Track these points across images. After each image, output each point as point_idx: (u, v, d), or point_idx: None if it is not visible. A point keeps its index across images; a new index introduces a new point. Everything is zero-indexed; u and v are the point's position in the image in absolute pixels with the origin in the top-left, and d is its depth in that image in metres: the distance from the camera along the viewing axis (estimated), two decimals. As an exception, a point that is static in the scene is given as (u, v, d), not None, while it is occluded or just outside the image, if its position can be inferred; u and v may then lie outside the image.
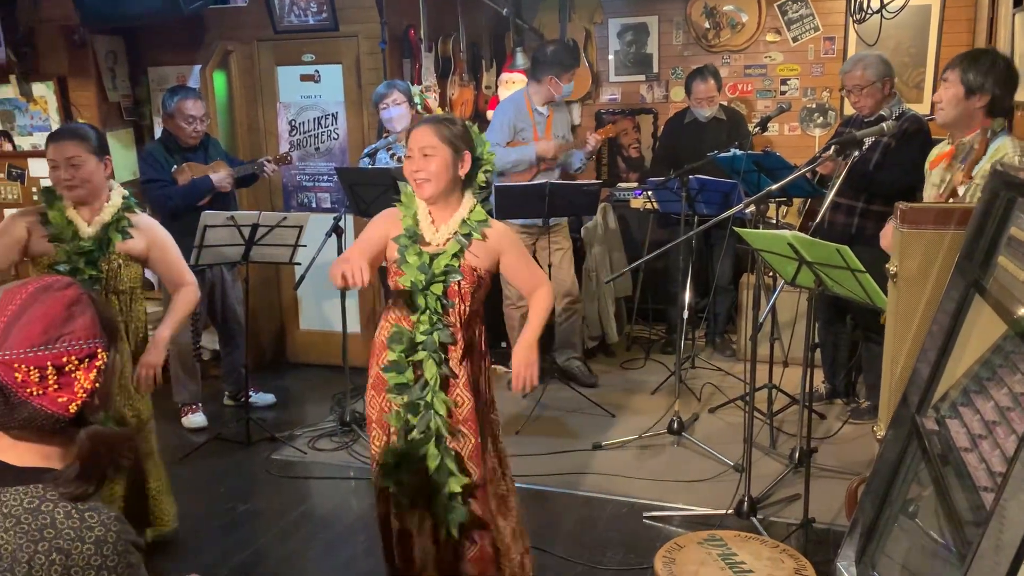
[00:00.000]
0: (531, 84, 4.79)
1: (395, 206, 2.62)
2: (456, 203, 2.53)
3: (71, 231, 2.97)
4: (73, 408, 1.29)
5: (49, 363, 1.27)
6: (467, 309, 2.53)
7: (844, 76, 4.10)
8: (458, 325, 2.52)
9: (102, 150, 2.99)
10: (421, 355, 2.52)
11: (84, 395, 1.29)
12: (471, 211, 2.53)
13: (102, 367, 1.32)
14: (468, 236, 2.50)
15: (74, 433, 1.32)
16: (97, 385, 1.32)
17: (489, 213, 2.60)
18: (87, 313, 1.33)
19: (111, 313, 1.40)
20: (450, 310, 2.51)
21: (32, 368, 1.26)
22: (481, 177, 2.57)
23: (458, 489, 2.53)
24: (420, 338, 2.51)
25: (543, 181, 4.41)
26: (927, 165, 3.26)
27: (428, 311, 2.50)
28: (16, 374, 1.25)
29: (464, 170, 2.50)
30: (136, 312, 3.13)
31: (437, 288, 2.48)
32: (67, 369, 1.28)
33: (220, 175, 4.41)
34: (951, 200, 2.90)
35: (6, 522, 1.23)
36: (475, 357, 2.61)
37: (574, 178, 5.03)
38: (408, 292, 2.51)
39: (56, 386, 1.27)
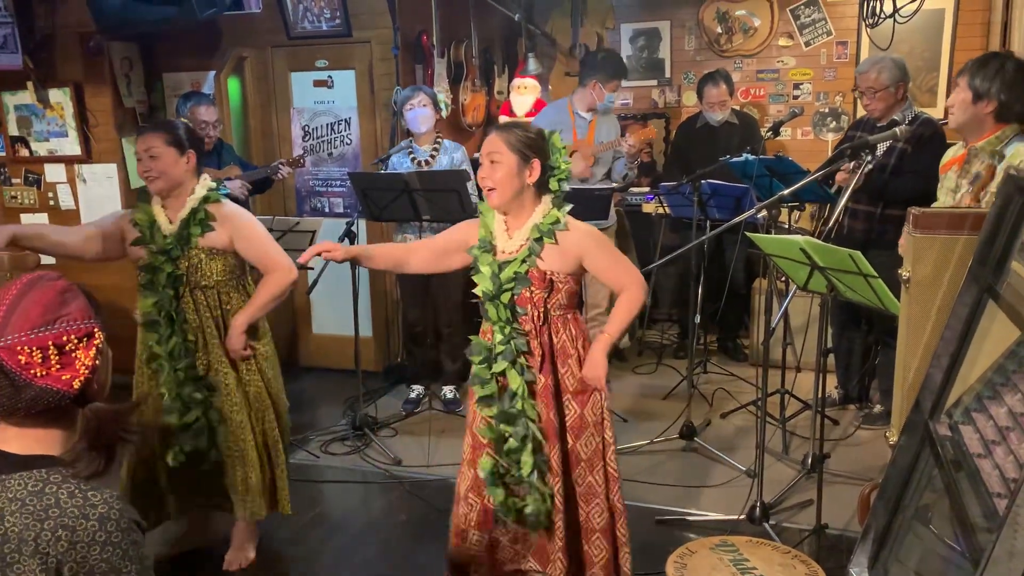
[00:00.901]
0: (577, 89, 4.84)
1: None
2: (530, 209, 2.51)
3: (154, 230, 3.02)
4: (76, 384, 1.34)
5: (50, 343, 1.33)
6: (542, 315, 2.49)
7: (859, 77, 4.09)
8: (534, 332, 2.50)
9: (183, 144, 2.99)
10: (502, 365, 2.51)
11: (86, 371, 1.35)
12: (545, 216, 2.49)
13: (100, 346, 1.39)
14: (539, 241, 2.47)
15: (76, 416, 1.38)
16: (97, 363, 1.37)
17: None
18: (80, 298, 1.40)
19: (99, 306, 1.46)
20: (522, 318, 2.49)
21: (35, 349, 1.32)
22: (554, 184, 2.52)
23: (547, 493, 2.53)
24: (499, 348, 2.51)
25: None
26: (940, 168, 3.25)
27: (501, 320, 2.51)
28: (20, 356, 1.31)
29: (533, 178, 2.46)
30: (232, 306, 3.09)
31: (505, 297, 2.48)
32: (67, 348, 1.35)
33: (234, 183, 4.44)
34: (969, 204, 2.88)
35: (12, 506, 1.28)
36: (564, 361, 2.53)
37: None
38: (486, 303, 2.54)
39: (59, 365, 1.33)
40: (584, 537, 2.58)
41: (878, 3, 3.97)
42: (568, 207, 2.54)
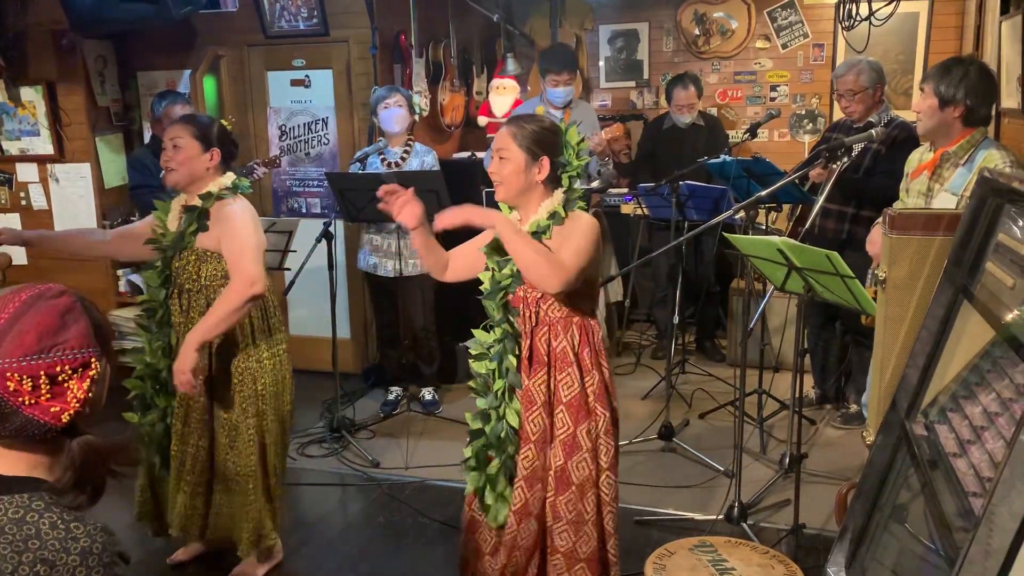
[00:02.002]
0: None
1: None
2: (538, 205, 2.41)
3: (166, 227, 2.97)
4: (65, 418, 1.28)
5: (42, 372, 1.26)
6: (534, 316, 2.41)
7: (837, 80, 4.12)
8: (526, 334, 2.42)
9: (209, 140, 2.90)
10: (490, 365, 2.46)
11: (77, 404, 1.28)
12: (548, 211, 2.39)
13: (95, 376, 1.32)
14: (536, 236, 2.37)
15: (63, 442, 1.31)
16: (91, 394, 1.31)
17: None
18: (81, 321, 1.32)
19: (104, 320, 1.39)
20: (516, 319, 2.43)
21: (25, 377, 1.25)
22: (565, 180, 2.43)
23: (502, 494, 2.48)
24: (495, 347, 2.46)
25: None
26: (909, 173, 3.28)
27: (495, 319, 2.46)
28: (8, 383, 1.24)
29: (541, 175, 2.37)
30: None
31: (500, 295, 2.44)
32: (60, 379, 1.27)
33: None
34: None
35: None
36: (563, 368, 2.40)
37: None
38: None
39: (49, 395, 1.26)
40: (568, 565, 2.47)
41: (854, 6, 4.01)
42: (577, 203, 2.42)
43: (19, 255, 5.32)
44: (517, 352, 2.43)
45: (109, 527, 1.29)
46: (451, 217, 2.41)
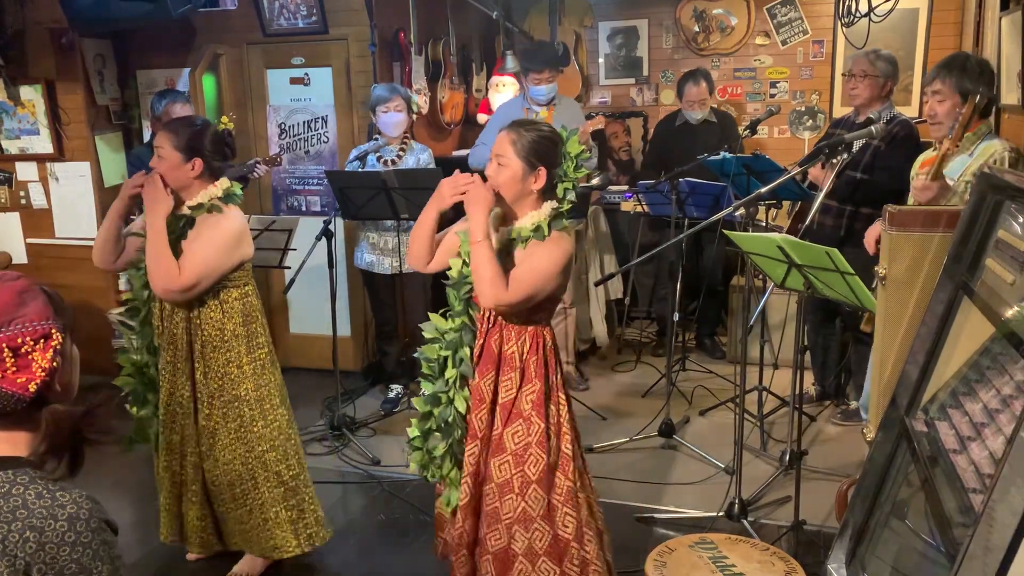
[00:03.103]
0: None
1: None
2: (527, 212, 2.41)
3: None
4: (32, 387, 1.32)
5: (4, 345, 1.31)
6: (492, 317, 2.42)
7: (853, 60, 4.14)
8: (481, 332, 2.45)
9: (192, 149, 2.84)
10: (443, 352, 2.49)
11: (43, 374, 1.33)
12: (533, 222, 2.39)
13: (58, 347, 1.36)
14: (511, 242, 2.40)
15: (38, 418, 1.34)
16: (55, 365, 1.35)
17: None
18: (39, 299, 1.37)
19: (62, 300, 1.43)
20: (477, 315, 2.45)
21: None
22: (560, 191, 2.43)
23: (456, 479, 2.51)
24: (451, 335, 2.48)
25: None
26: (916, 169, 3.28)
27: (456, 310, 2.48)
28: None
29: (538, 185, 2.38)
30: (202, 320, 2.90)
31: (464, 288, 2.44)
32: (23, 350, 1.32)
33: None
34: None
35: None
36: (507, 372, 2.42)
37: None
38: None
39: (14, 368, 1.31)
40: (479, 553, 2.50)
41: (854, 2, 4.00)
42: (565, 221, 2.43)
43: (19, 253, 5.33)
44: (470, 345, 2.47)
45: (94, 496, 1.32)
46: (450, 186, 2.42)
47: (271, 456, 3.02)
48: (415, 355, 2.65)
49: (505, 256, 2.40)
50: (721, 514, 3.35)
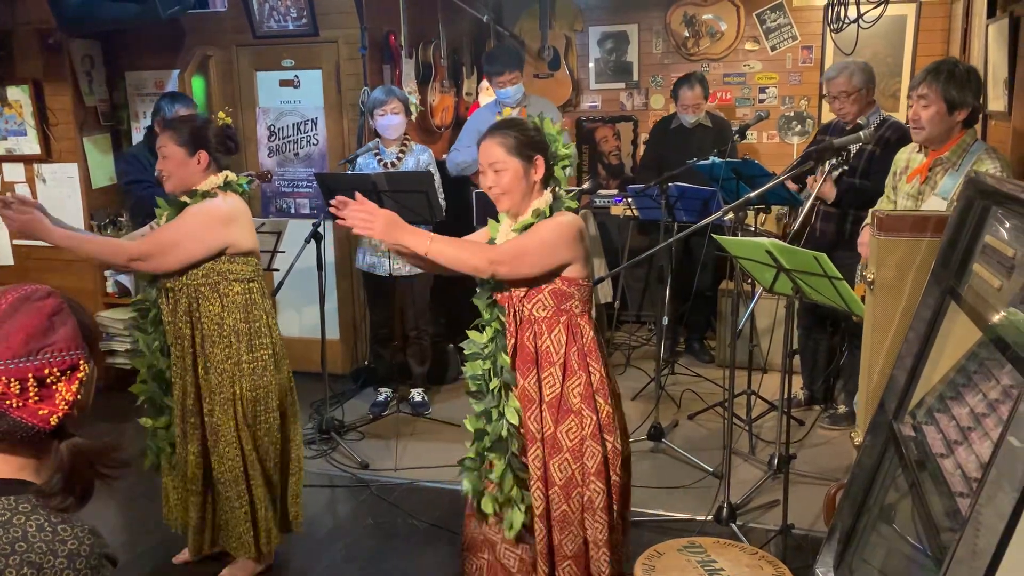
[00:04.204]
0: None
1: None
2: (528, 206, 2.42)
3: None
4: (54, 421, 1.27)
5: (31, 375, 1.25)
6: (519, 315, 2.41)
7: (829, 83, 4.14)
8: (511, 332, 2.42)
9: (195, 143, 2.85)
10: (484, 365, 2.47)
11: (65, 407, 1.28)
12: (535, 210, 2.39)
13: (83, 379, 1.31)
14: (522, 231, 2.39)
15: (51, 444, 1.30)
16: (79, 397, 1.30)
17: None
18: (68, 323, 1.31)
19: (92, 322, 1.38)
20: (504, 317, 2.43)
21: (13, 380, 1.24)
22: (559, 172, 2.44)
23: (518, 498, 2.46)
24: (488, 347, 2.46)
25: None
26: (897, 171, 3.30)
27: (486, 319, 2.47)
28: None
29: (539, 175, 2.39)
30: (202, 312, 2.89)
31: (485, 294, 2.45)
32: (48, 381, 1.27)
33: None
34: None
35: None
36: (546, 367, 2.40)
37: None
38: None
39: (37, 398, 1.25)
40: (557, 562, 2.47)
41: (842, 8, 4.03)
42: (566, 202, 2.42)
43: (5, 255, 5.29)
44: (504, 349, 2.44)
45: (96, 529, 1.29)
46: (372, 234, 2.34)
47: (255, 457, 3.02)
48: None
49: None
50: (710, 518, 3.35)
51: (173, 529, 3.21)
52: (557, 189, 2.44)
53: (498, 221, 2.53)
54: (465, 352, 2.53)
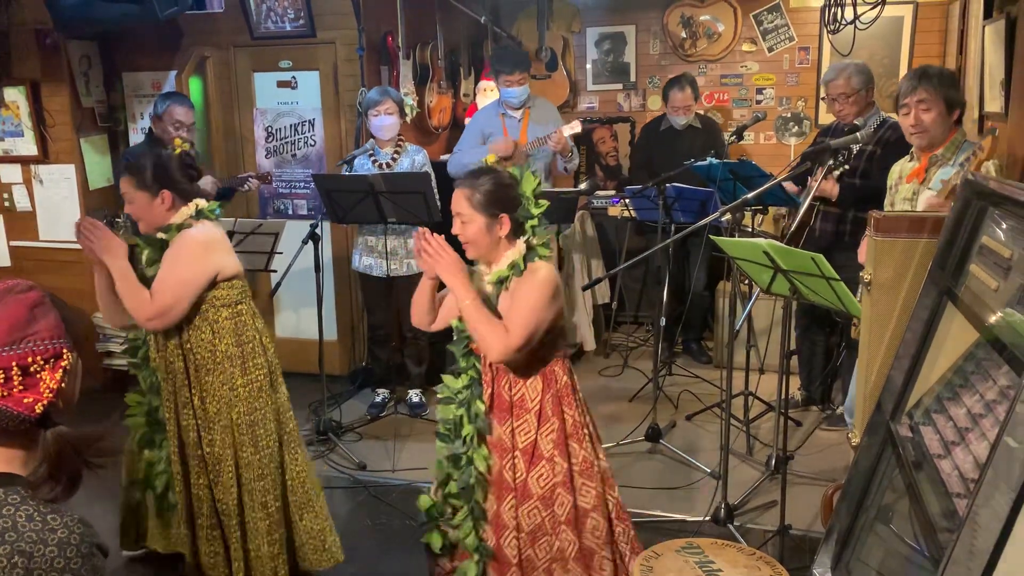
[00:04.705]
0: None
1: None
2: (501, 255, 2.43)
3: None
4: (39, 408, 1.28)
5: (14, 363, 1.27)
6: (496, 365, 2.42)
7: (828, 85, 4.14)
8: (487, 381, 2.45)
9: (155, 183, 2.78)
10: (457, 411, 2.48)
11: (50, 395, 1.29)
12: (509, 262, 2.40)
13: (68, 367, 1.33)
14: (498, 285, 2.42)
15: (38, 435, 1.31)
16: (63, 385, 1.32)
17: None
18: (50, 315, 1.33)
19: (73, 316, 1.40)
20: (479, 366, 2.46)
21: None
22: (528, 229, 2.44)
23: (472, 546, 2.46)
24: (463, 393, 2.48)
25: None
26: (892, 185, 3.32)
27: (463, 366, 2.49)
28: None
29: (504, 231, 2.39)
30: (192, 344, 2.83)
31: (462, 343, 2.47)
32: (32, 370, 1.28)
33: (205, 180, 4.37)
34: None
35: None
36: (521, 415, 2.42)
37: (553, 186, 5.03)
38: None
39: (21, 387, 1.27)
40: None
41: (839, 10, 4.03)
42: (539, 251, 2.43)
43: (2, 256, 5.29)
44: (479, 397, 2.46)
45: (86, 519, 1.29)
46: (429, 266, 2.42)
47: (258, 486, 2.91)
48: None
49: (491, 304, 2.41)
50: (707, 519, 3.35)
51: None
52: (531, 239, 2.44)
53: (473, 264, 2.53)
54: (438, 396, 2.54)
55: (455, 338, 2.51)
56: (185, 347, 2.84)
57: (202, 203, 2.89)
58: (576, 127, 4.69)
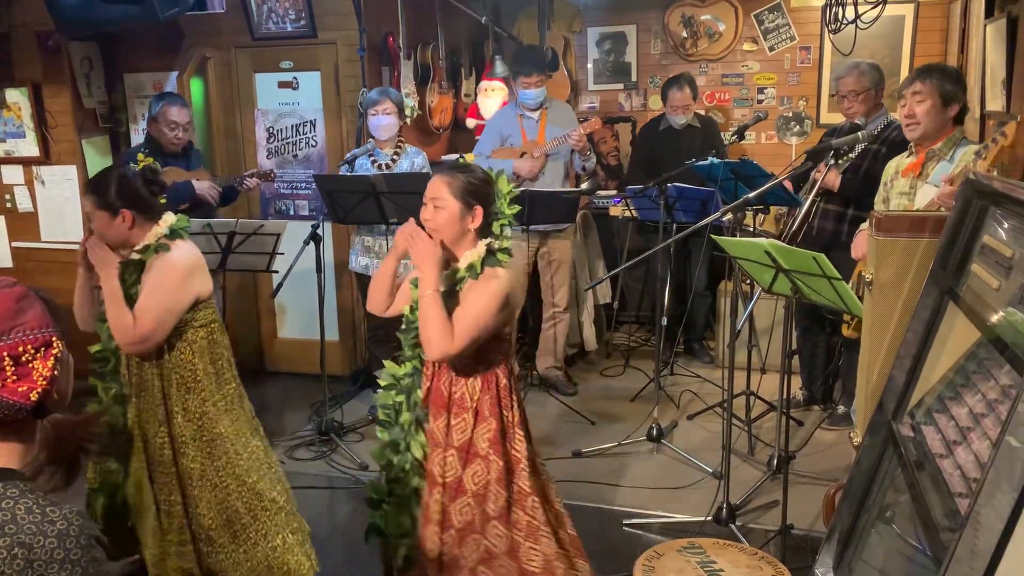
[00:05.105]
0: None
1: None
2: (463, 252, 2.44)
3: None
4: (34, 396, 1.30)
5: (5, 354, 1.29)
6: (439, 362, 2.42)
7: (838, 82, 4.15)
8: (427, 375, 2.47)
9: (117, 201, 2.75)
10: (397, 397, 2.50)
11: (44, 383, 1.31)
12: (468, 262, 2.41)
13: (59, 355, 1.34)
14: (454, 282, 2.42)
15: (34, 428, 1.33)
16: (56, 373, 1.33)
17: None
18: (36, 305, 1.35)
19: (59, 309, 1.41)
20: (423, 357, 2.46)
21: None
22: (496, 228, 2.46)
23: (403, 529, 2.50)
24: (406, 380, 2.50)
25: (522, 189, 4.41)
26: (887, 181, 3.33)
27: (407, 355, 2.50)
28: None
29: (475, 224, 2.41)
30: (173, 363, 2.80)
31: (411, 334, 2.47)
32: (24, 359, 1.30)
33: (204, 184, 4.37)
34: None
35: None
36: (459, 413, 2.42)
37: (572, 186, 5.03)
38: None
39: (15, 376, 1.29)
40: None
41: (840, 9, 4.03)
42: (500, 257, 2.43)
43: (3, 257, 5.30)
44: (418, 388, 2.48)
45: (85, 512, 1.30)
46: (408, 244, 2.44)
47: (263, 485, 2.92)
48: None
49: (450, 298, 2.41)
50: (709, 518, 3.35)
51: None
52: (493, 242, 2.45)
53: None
54: (380, 381, 2.55)
55: (403, 327, 2.52)
56: (165, 368, 2.82)
57: (171, 219, 2.86)
58: (596, 125, 4.70)
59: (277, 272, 4.24)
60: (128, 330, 2.71)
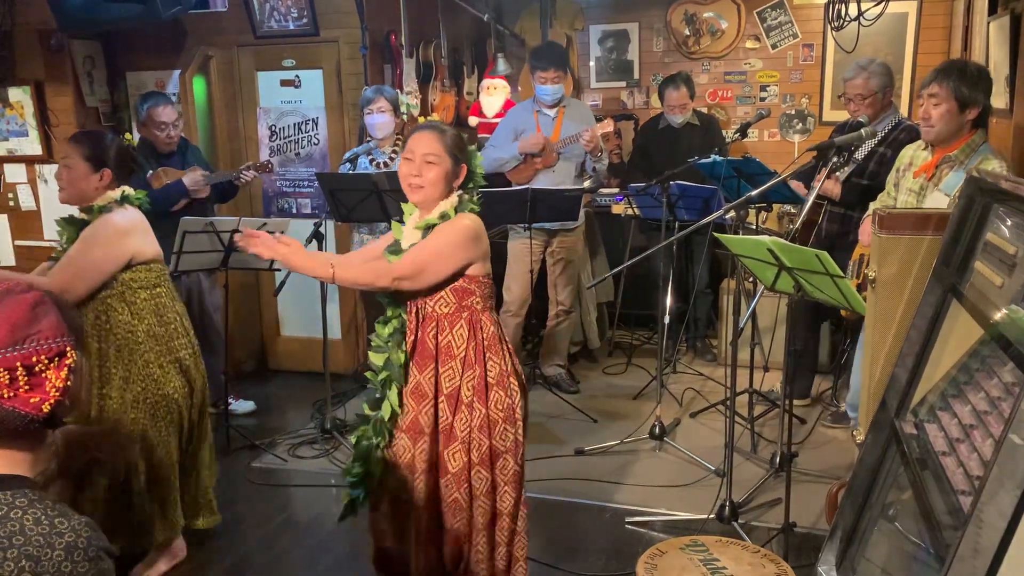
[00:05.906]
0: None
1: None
2: (434, 206, 2.48)
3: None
4: (46, 408, 1.28)
5: (19, 364, 1.26)
6: (422, 312, 2.49)
7: (846, 83, 4.09)
8: (411, 328, 2.51)
9: (101, 160, 2.86)
10: (380, 356, 2.55)
11: (57, 394, 1.29)
12: (440, 211, 2.46)
13: (72, 365, 1.32)
14: (426, 230, 2.46)
15: (45, 436, 1.31)
16: (69, 383, 1.31)
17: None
18: (51, 314, 1.33)
19: (76, 316, 1.40)
20: (403, 314, 2.52)
21: (1, 371, 1.25)
22: (469, 184, 2.53)
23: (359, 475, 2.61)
24: (389, 341, 2.54)
25: (525, 187, 4.41)
26: (900, 168, 3.30)
27: (389, 314, 2.55)
28: None
29: (459, 182, 2.47)
30: (112, 324, 2.87)
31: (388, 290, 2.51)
32: (37, 369, 1.28)
33: (192, 176, 4.36)
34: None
35: None
36: (447, 362, 2.48)
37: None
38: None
39: (27, 387, 1.27)
40: (454, 542, 2.60)
41: (843, 6, 4.02)
42: (469, 204, 2.49)
43: (7, 255, 5.30)
44: (404, 347, 2.52)
45: (94, 523, 1.29)
46: (267, 252, 2.44)
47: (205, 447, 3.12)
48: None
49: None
50: (712, 516, 3.35)
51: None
52: (464, 194, 2.50)
53: (403, 223, 2.58)
54: (371, 343, 2.61)
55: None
56: (104, 328, 2.88)
57: (129, 190, 2.96)
58: (608, 126, 4.70)
59: (280, 270, 4.24)
60: (40, 282, 2.74)
